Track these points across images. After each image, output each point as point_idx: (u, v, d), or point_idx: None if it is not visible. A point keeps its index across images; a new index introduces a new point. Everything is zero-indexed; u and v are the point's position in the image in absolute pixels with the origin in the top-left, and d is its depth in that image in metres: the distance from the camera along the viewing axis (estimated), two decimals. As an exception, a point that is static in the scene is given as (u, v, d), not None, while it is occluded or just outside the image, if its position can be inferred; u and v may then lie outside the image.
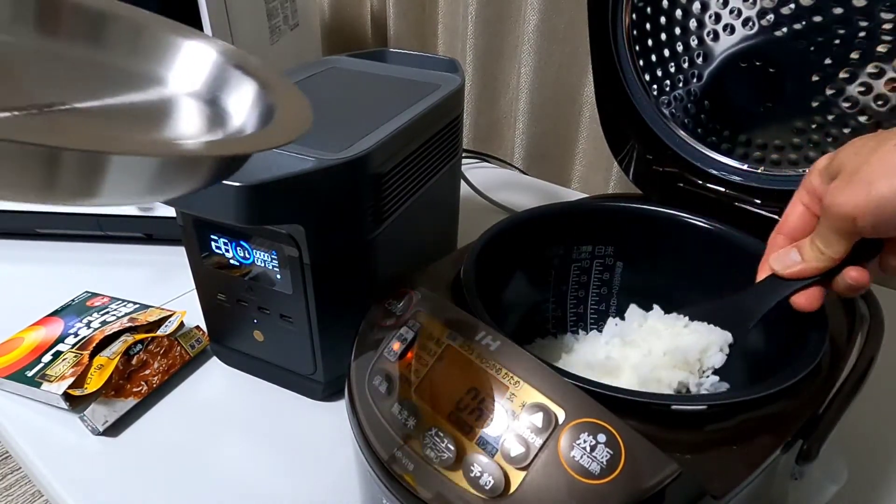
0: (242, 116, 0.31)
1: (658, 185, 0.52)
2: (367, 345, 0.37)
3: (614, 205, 0.51)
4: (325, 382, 0.53)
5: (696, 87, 0.49)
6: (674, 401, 0.32)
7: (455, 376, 0.33)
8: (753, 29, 0.44)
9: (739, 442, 0.31)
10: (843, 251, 0.32)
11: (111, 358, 0.54)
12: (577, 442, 0.29)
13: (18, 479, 1.40)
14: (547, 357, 0.32)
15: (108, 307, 0.63)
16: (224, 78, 0.33)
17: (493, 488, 0.29)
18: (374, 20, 1.11)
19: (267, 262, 0.48)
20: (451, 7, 1.00)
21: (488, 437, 0.31)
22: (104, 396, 0.53)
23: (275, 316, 0.51)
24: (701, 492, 0.28)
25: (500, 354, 0.32)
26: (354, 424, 0.36)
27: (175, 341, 0.58)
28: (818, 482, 0.37)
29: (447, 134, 0.57)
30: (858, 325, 0.39)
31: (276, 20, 0.78)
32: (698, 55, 0.48)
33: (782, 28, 0.43)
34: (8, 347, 0.58)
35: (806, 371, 0.33)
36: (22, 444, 0.51)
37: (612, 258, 0.51)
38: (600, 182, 0.91)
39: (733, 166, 0.49)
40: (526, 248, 0.48)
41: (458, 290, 0.39)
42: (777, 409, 0.32)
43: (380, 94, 0.57)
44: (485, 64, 0.95)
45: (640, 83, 0.51)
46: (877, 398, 0.42)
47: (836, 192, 0.31)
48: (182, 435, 0.52)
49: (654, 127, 0.52)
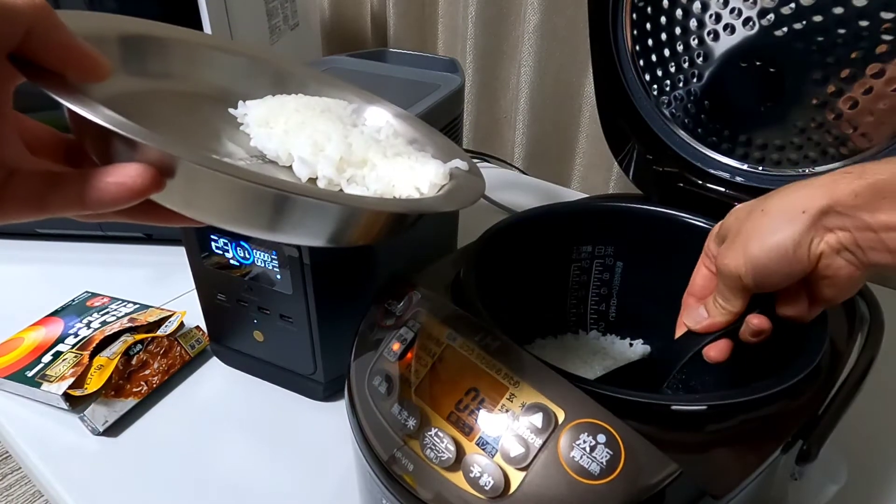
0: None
1: (658, 185, 0.52)
2: (367, 345, 0.37)
3: (614, 205, 0.51)
4: (325, 382, 0.53)
5: (696, 86, 0.49)
6: (674, 401, 0.32)
7: (455, 376, 0.33)
8: (754, 29, 0.44)
9: (739, 442, 0.31)
10: (741, 305, 0.35)
11: (111, 358, 0.54)
12: (576, 442, 0.29)
13: (18, 479, 1.40)
14: (547, 357, 0.32)
15: (108, 307, 0.63)
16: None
17: (492, 489, 0.29)
18: (374, 20, 1.11)
19: (267, 262, 0.48)
20: (451, 7, 1.00)
21: (488, 437, 0.31)
22: (104, 396, 0.53)
23: (275, 316, 0.51)
24: (701, 492, 0.28)
25: (500, 354, 0.32)
26: (354, 424, 0.36)
27: (175, 341, 0.58)
28: (818, 482, 0.37)
29: (447, 134, 0.57)
30: (858, 325, 0.39)
31: (276, 20, 0.78)
32: (699, 55, 0.47)
33: (783, 28, 0.43)
34: (8, 347, 0.58)
35: (806, 371, 0.33)
36: (22, 444, 0.51)
37: (612, 258, 0.51)
38: (600, 182, 0.91)
39: (733, 166, 0.49)
40: (526, 249, 0.48)
41: (458, 290, 0.39)
42: (777, 410, 0.32)
43: (380, 95, 0.57)
44: (485, 64, 0.95)
45: (641, 83, 0.51)
46: (877, 398, 0.42)
47: (723, 254, 0.34)
48: (182, 435, 0.52)
49: (655, 127, 0.52)
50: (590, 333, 0.54)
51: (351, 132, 0.34)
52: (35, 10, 0.22)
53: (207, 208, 0.26)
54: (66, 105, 0.22)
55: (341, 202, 0.28)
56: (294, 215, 0.26)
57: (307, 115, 0.34)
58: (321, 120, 0.34)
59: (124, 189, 0.22)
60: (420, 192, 0.32)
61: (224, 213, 0.26)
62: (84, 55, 0.24)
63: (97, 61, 0.24)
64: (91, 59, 0.24)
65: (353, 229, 0.28)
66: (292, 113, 0.34)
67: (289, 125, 0.33)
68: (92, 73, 0.24)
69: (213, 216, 0.26)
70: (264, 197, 0.25)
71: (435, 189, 0.32)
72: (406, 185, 0.31)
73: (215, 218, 0.26)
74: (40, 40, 0.23)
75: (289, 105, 0.35)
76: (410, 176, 0.32)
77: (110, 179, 0.22)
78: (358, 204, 0.29)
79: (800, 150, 0.45)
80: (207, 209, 0.26)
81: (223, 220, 0.26)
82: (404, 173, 0.32)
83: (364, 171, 0.32)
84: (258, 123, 0.34)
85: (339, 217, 0.27)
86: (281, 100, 0.35)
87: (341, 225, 0.28)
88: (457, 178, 0.34)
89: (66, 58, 0.23)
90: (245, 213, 0.26)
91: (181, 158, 0.22)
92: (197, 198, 0.25)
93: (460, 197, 0.32)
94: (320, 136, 0.32)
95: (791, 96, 0.44)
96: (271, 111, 0.34)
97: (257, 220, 0.26)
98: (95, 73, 0.24)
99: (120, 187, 0.22)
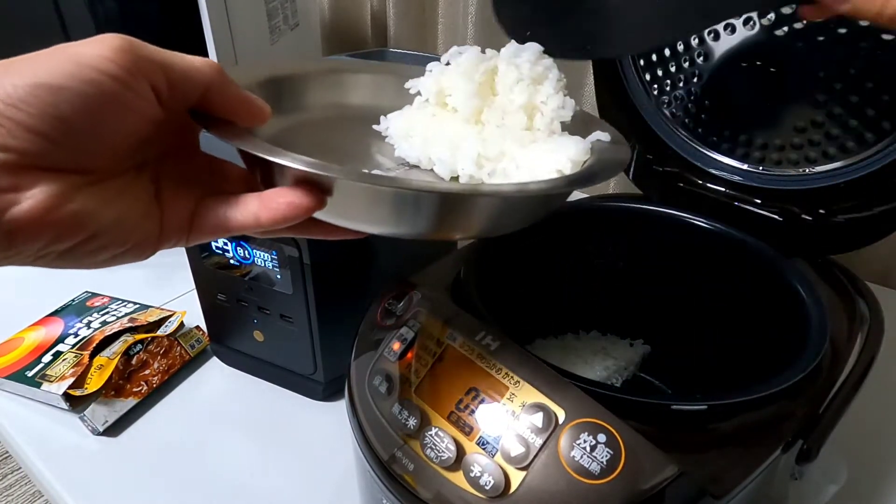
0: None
1: (658, 185, 0.52)
2: (367, 345, 0.37)
3: (614, 205, 0.51)
4: (325, 382, 0.53)
5: (696, 86, 0.49)
6: (674, 401, 0.32)
7: (455, 376, 0.33)
8: (754, 28, 0.44)
9: (739, 442, 0.31)
10: None
11: (111, 358, 0.54)
12: (577, 442, 0.29)
13: (18, 479, 1.40)
14: (547, 357, 0.32)
15: (108, 307, 0.63)
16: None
17: (493, 488, 0.29)
18: (374, 20, 1.11)
19: (267, 262, 0.48)
20: (451, 7, 1.00)
21: (488, 437, 0.31)
22: (104, 396, 0.53)
23: (275, 316, 0.51)
24: (701, 492, 0.28)
25: (500, 354, 0.32)
26: (354, 424, 0.36)
27: (175, 341, 0.58)
28: (818, 482, 0.37)
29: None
30: (858, 325, 0.39)
31: (276, 20, 0.78)
32: (699, 54, 0.48)
33: (783, 27, 0.43)
34: (8, 347, 0.58)
35: (806, 371, 0.33)
36: (22, 445, 0.51)
37: (613, 258, 0.51)
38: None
39: (734, 166, 0.49)
40: (526, 249, 0.48)
41: (458, 290, 0.39)
42: (777, 410, 0.32)
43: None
44: (485, 64, 0.95)
45: (641, 83, 0.51)
46: (877, 398, 0.42)
47: None
48: (182, 435, 0.52)
49: (655, 127, 0.52)
50: (590, 333, 0.54)
51: (485, 128, 0.35)
52: (213, 71, 0.26)
53: (363, 217, 0.29)
54: (241, 148, 0.26)
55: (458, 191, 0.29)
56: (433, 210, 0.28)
57: (443, 120, 0.36)
58: (456, 121, 0.35)
59: (293, 207, 0.26)
60: (562, 173, 0.31)
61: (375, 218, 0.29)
62: (250, 104, 0.28)
63: (261, 108, 0.28)
64: (256, 106, 0.28)
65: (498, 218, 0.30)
66: (429, 119, 0.36)
67: (427, 133, 0.35)
68: (257, 118, 0.28)
69: (367, 224, 0.29)
70: (406, 198, 0.27)
71: (578, 167, 0.32)
72: (549, 171, 0.31)
73: (370, 225, 0.29)
74: (216, 96, 0.26)
75: (426, 111, 0.36)
76: (551, 159, 0.32)
77: (282, 199, 0.26)
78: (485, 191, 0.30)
79: (800, 150, 0.45)
80: (363, 218, 0.29)
81: (375, 226, 0.29)
82: (544, 157, 0.32)
83: (504, 164, 0.33)
84: (399, 135, 0.36)
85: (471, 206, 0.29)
86: (419, 108, 0.37)
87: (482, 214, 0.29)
88: (598, 151, 0.34)
89: (236, 108, 0.27)
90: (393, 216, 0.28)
91: (334, 177, 0.25)
92: (352, 209, 0.28)
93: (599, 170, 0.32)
94: (456, 137, 0.34)
95: (791, 96, 0.44)
96: (410, 121, 0.36)
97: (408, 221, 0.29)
98: (260, 118, 0.28)
99: (289, 206, 0.26)
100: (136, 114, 0.24)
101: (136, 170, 0.26)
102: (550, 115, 0.34)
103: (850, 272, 0.44)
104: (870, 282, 0.45)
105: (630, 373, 0.50)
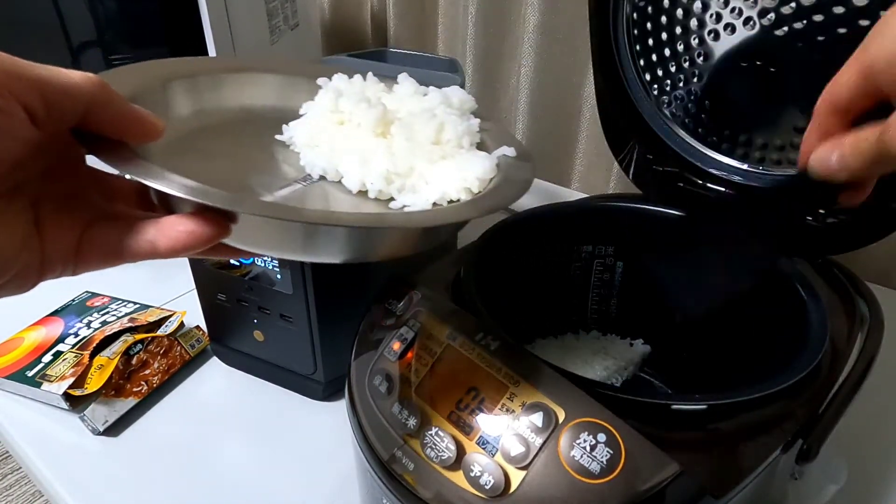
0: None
1: (658, 185, 0.52)
2: (367, 345, 0.37)
3: (614, 205, 0.51)
4: (325, 382, 0.53)
5: (696, 86, 0.49)
6: (674, 400, 0.32)
7: (455, 376, 0.33)
8: (754, 28, 0.44)
9: (739, 442, 0.31)
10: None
11: (111, 358, 0.54)
12: (577, 441, 0.29)
13: (18, 479, 1.40)
14: (547, 357, 0.32)
15: (108, 307, 0.63)
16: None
17: (493, 488, 0.29)
18: (374, 20, 1.11)
19: (267, 261, 0.48)
20: (451, 7, 1.00)
21: (488, 436, 0.31)
22: (104, 396, 0.53)
23: (275, 316, 0.51)
24: (701, 492, 0.28)
25: (500, 354, 0.32)
26: (354, 424, 0.36)
27: (175, 341, 0.58)
28: (818, 482, 0.37)
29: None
30: (858, 325, 0.39)
31: (276, 20, 0.78)
32: (699, 54, 0.47)
33: (783, 27, 0.43)
34: (8, 347, 0.58)
35: (806, 371, 0.33)
36: (22, 444, 0.51)
37: (612, 258, 0.51)
38: (600, 182, 0.91)
39: (734, 166, 0.48)
40: (526, 249, 0.48)
41: (458, 290, 0.39)
42: (777, 409, 0.32)
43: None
44: (485, 64, 0.95)
45: (641, 82, 0.51)
46: (877, 398, 0.42)
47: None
48: (182, 435, 0.52)
49: (655, 127, 0.51)
50: (590, 333, 0.54)
51: (394, 141, 0.34)
52: (94, 87, 0.23)
53: (271, 244, 0.28)
54: (128, 176, 0.24)
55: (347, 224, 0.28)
56: (325, 240, 0.28)
57: (348, 128, 0.35)
58: (363, 130, 0.35)
59: (194, 236, 0.24)
60: (472, 192, 0.32)
61: (283, 247, 0.28)
62: (139, 120, 0.25)
63: (152, 124, 0.26)
64: (147, 123, 0.26)
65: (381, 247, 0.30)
66: (335, 127, 0.35)
67: (333, 142, 0.34)
68: (149, 135, 0.26)
69: (278, 251, 0.29)
70: (304, 230, 0.27)
71: (485, 184, 0.33)
72: (457, 188, 0.32)
73: (281, 252, 0.29)
74: (100, 114, 0.24)
75: (331, 118, 0.36)
76: (459, 177, 0.32)
77: (181, 228, 0.24)
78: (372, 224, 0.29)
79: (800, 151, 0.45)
80: (271, 245, 0.28)
81: (286, 253, 0.29)
82: (452, 175, 0.32)
83: (413, 180, 0.33)
84: (304, 144, 0.35)
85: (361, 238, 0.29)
86: (321, 116, 0.36)
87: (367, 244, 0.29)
88: (504, 168, 0.34)
89: (123, 126, 0.25)
90: (298, 245, 0.28)
91: (229, 210, 0.24)
92: (257, 237, 0.28)
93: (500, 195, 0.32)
94: (365, 150, 0.33)
95: (791, 96, 0.44)
96: (314, 129, 0.35)
97: (311, 249, 0.28)
98: (152, 135, 0.26)
99: (190, 235, 0.24)
100: (7, 136, 0.22)
101: (10, 195, 0.23)
102: (458, 133, 0.35)
103: (850, 272, 0.44)
104: (870, 282, 0.45)
105: (630, 373, 0.50)
